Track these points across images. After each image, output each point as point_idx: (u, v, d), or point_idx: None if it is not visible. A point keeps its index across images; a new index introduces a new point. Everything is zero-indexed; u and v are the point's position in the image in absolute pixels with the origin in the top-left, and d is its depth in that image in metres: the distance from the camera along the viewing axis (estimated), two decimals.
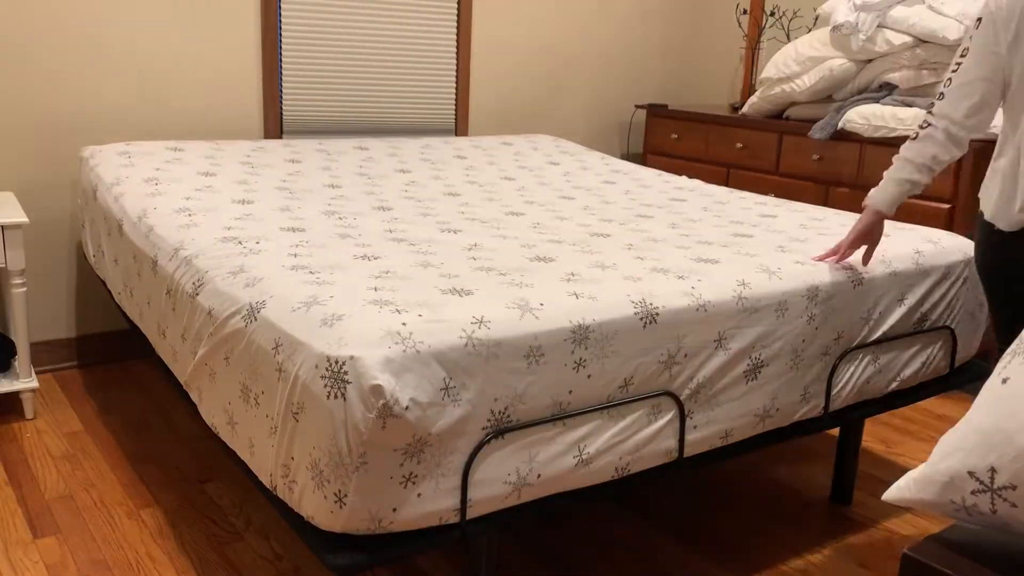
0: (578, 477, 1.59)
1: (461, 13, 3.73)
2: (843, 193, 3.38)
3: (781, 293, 1.82)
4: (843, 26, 3.33)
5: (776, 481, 2.52)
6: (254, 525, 2.18)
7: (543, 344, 1.49)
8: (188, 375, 1.84)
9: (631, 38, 4.31)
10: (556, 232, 2.16)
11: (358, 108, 3.55)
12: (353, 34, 3.48)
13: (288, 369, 1.43)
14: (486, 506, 1.50)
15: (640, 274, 1.77)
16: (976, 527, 1.08)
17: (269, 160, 2.84)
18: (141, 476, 2.40)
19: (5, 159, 2.92)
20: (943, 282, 2.15)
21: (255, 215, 2.16)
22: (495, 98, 3.95)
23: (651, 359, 1.64)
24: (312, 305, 1.49)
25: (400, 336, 1.38)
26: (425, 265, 1.77)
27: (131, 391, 2.98)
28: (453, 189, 2.72)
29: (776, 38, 4.16)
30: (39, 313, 3.07)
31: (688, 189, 2.90)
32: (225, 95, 3.25)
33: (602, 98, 4.28)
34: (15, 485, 2.33)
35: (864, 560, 2.13)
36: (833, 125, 3.35)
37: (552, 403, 1.53)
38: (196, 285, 1.79)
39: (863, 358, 2.02)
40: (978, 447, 1.00)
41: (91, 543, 2.07)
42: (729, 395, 1.78)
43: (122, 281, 2.33)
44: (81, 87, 2.99)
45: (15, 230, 2.58)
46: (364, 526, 1.39)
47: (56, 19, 2.91)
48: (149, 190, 2.36)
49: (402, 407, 1.34)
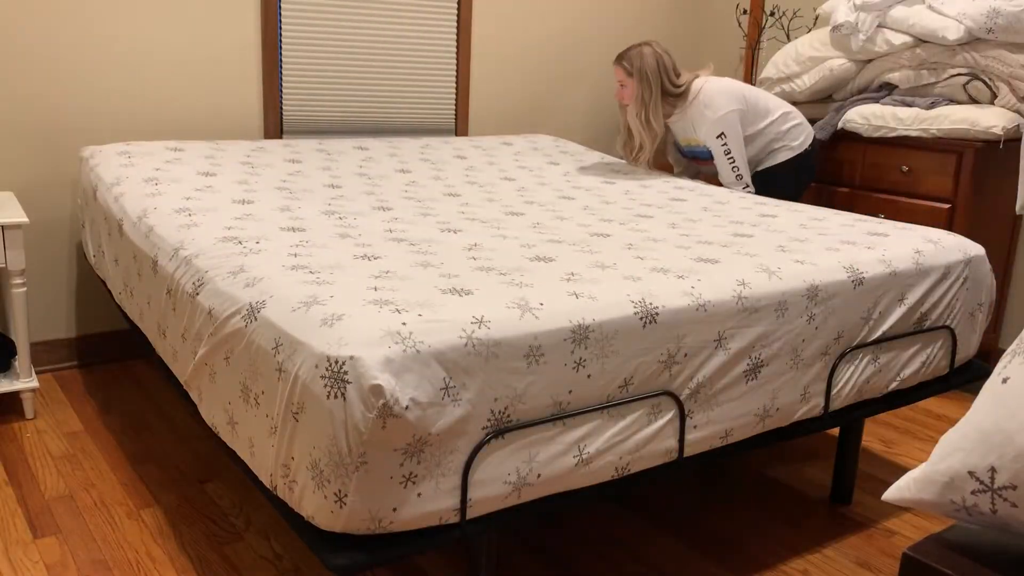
0: (578, 477, 1.59)
1: (461, 13, 3.73)
2: (843, 193, 3.38)
3: (781, 293, 1.83)
4: (843, 26, 3.33)
5: (776, 481, 2.52)
6: (254, 525, 2.18)
7: (543, 344, 1.49)
8: (188, 375, 1.84)
9: (631, 38, 4.31)
10: (556, 232, 2.16)
11: (358, 108, 3.55)
12: (353, 34, 3.48)
13: (288, 369, 1.43)
14: (486, 506, 1.50)
15: (640, 274, 1.77)
16: (976, 527, 1.08)
17: (269, 160, 2.84)
18: (141, 476, 2.40)
19: (5, 159, 2.92)
20: (943, 282, 2.15)
21: (255, 215, 2.16)
22: (495, 98, 3.95)
23: (651, 359, 1.64)
24: (312, 305, 1.49)
25: (400, 336, 1.38)
26: (425, 265, 1.77)
27: (131, 391, 2.98)
28: (453, 189, 2.72)
29: (776, 38, 4.16)
30: (39, 313, 3.07)
31: (688, 189, 2.90)
32: (225, 95, 3.25)
33: (602, 98, 4.28)
34: (15, 485, 2.33)
35: (864, 560, 2.13)
36: (833, 125, 3.36)
37: (552, 403, 1.53)
38: (196, 285, 1.79)
39: (863, 358, 2.02)
40: (978, 447, 1.00)
41: (91, 543, 2.07)
42: (729, 395, 1.78)
43: (122, 281, 2.33)
44: (81, 87, 2.99)
45: (15, 230, 2.58)
46: (364, 526, 1.39)
47: (56, 19, 2.91)
48: (149, 190, 2.36)
49: (402, 407, 1.34)
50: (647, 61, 3.05)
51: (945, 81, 3.20)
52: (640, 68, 3.05)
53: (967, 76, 3.14)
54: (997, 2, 3.02)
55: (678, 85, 3.09)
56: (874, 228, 2.33)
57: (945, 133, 3.05)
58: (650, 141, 3.14)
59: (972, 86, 3.13)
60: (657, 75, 3.06)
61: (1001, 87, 3.07)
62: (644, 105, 3.09)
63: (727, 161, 3.06)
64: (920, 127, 3.10)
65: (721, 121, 3.03)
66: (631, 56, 3.08)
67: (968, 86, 3.14)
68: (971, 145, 3.00)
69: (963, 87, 3.15)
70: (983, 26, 3.03)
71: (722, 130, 3.04)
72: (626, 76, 3.10)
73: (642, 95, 3.08)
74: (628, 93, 3.12)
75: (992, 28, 3.02)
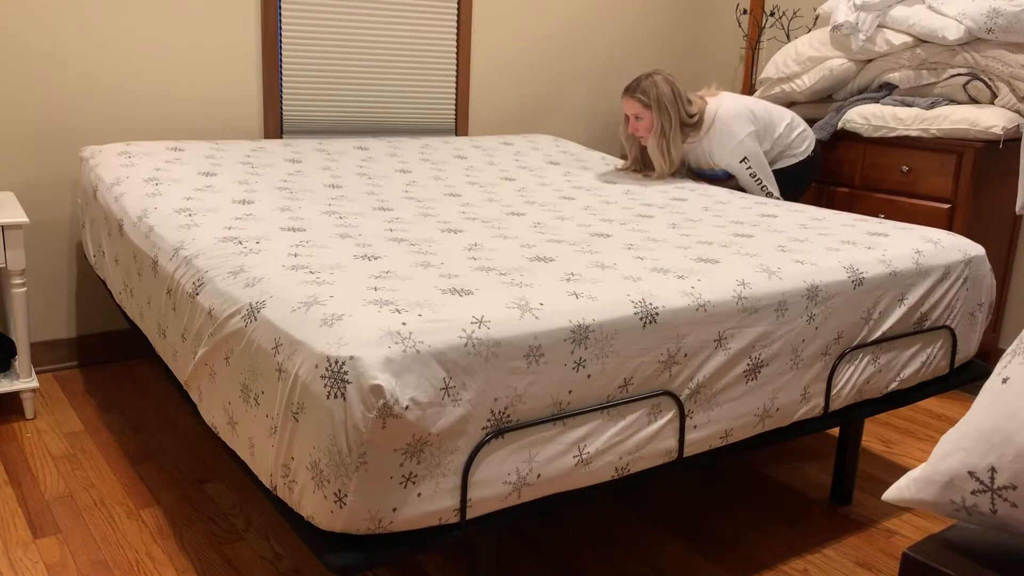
0: (578, 477, 1.59)
1: (461, 13, 3.73)
2: (843, 193, 3.38)
3: (781, 293, 1.83)
4: (843, 26, 3.33)
5: (776, 481, 2.52)
6: (254, 525, 2.18)
7: (543, 344, 1.49)
8: (188, 375, 1.84)
9: (631, 38, 4.31)
10: (556, 232, 2.16)
11: (358, 108, 3.56)
12: (353, 34, 3.48)
13: (288, 369, 1.43)
14: (486, 506, 1.50)
15: (640, 274, 1.77)
16: (976, 527, 1.08)
17: (269, 160, 2.84)
18: (141, 476, 2.40)
19: (5, 159, 2.92)
20: (943, 282, 2.15)
21: (255, 215, 2.16)
22: (495, 98, 3.95)
23: (651, 359, 1.64)
24: (312, 305, 1.49)
25: (400, 336, 1.38)
26: (425, 265, 1.77)
27: (131, 391, 2.98)
28: (453, 189, 2.72)
29: (776, 38, 4.16)
30: (39, 313, 3.07)
31: (689, 189, 2.90)
32: (225, 95, 3.25)
33: (603, 98, 4.28)
34: (15, 485, 2.33)
35: (864, 560, 2.13)
36: (833, 125, 3.36)
37: (552, 403, 1.53)
38: (196, 285, 1.79)
39: (863, 358, 2.02)
40: (978, 447, 1.00)
41: (91, 543, 2.07)
42: (729, 395, 1.78)
43: (122, 281, 2.33)
44: (81, 87, 2.99)
45: (15, 230, 2.58)
46: (364, 526, 1.39)
47: (56, 19, 2.91)
48: (149, 190, 2.36)
49: (402, 407, 1.34)
50: (663, 90, 2.96)
51: (945, 81, 3.20)
52: (657, 98, 2.96)
53: (967, 76, 3.14)
54: (997, 2, 3.02)
55: (692, 114, 3.03)
56: (874, 228, 2.33)
57: (945, 133, 3.05)
58: (669, 170, 3.06)
59: (972, 86, 3.13)
60: (675, 104, 2.97)
61: (1001, 87, 3.07)
62: (665, 137, 3.00)
63: (755, 183, 3.04)
64: (920, 127, 3.10)
65: (741, 147, 3.01)
66: (645, 87, 2.98)
67: (968, 86, 3.14)
68: (971, 145, 3.00)
69: (963, 87, 3.15)
70: (983, 26, 3.03)
71: (744, 155, 3.01)
72: (642, 108, 2.99)
73: (662, 127, 2.98)
74: (645, 126, 3.02)
75: (992, 28, 3.02)
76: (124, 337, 3.24)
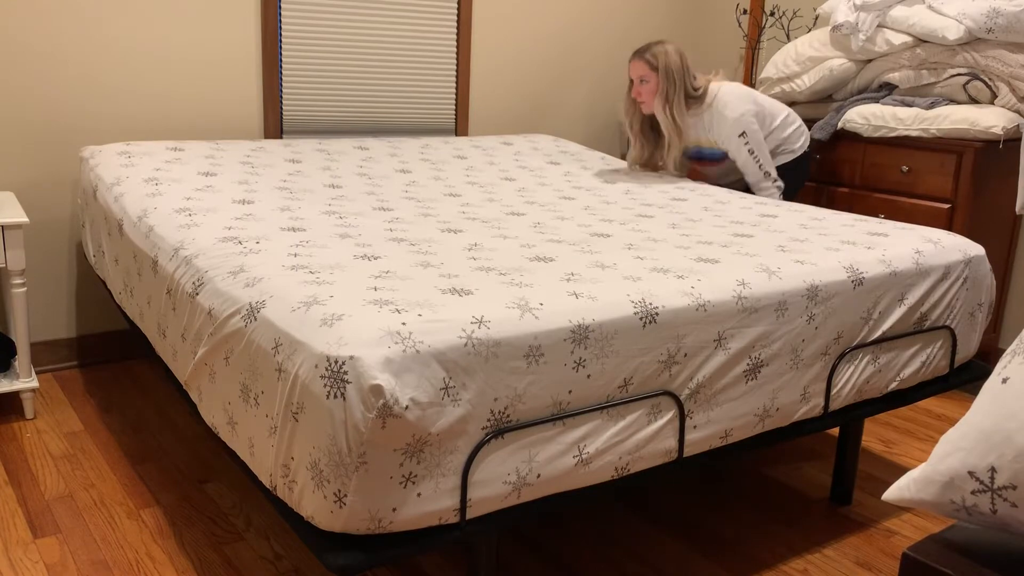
0: (578, 477, 1.59)
1: (461, 13, 3.73)
2: (843, 193, 3.38)
3: (781, 293, 1.83)
4: (843, 26, 3.33)
5: (776, 481, 2.52)
6: (254, 525, 2.18)
7: (543, 344, 1.49)
8: (188, 375, 1.84)
9: (631, 38, 4.31)
10: (556, 232, 2.16)
11: (358, 108, 3.56)
12: (353, 34, 3.48)
13: (288, 369, 1.43)
14: (486, 506, 1.50)
15: (640, 274, 1.77)
16: (976, 527, 1.08)
17: (269, 160, 2.84)
18: (141, 476, 2.40)
19: (5, 159, 2.92)
20: (943, 282, 2.15)
21: (255, 215, 2.16)
22: (495, 98, 3.95)
23: (651, 359, 1.64)
24: (312, 305, 1.49)
25: (400, 336, 1.38)
26: (425, 265, 1.77)
27: (131, 391, 2.98)
28: (453, 189, 2.72)
29: (776, 38, 4.16)
30: (39, 313, 3.07)
31: (689, 189, 2.90)
32: (225, 95, 3.25)
33: (603, 98, 4.29)
34: (15, 485, 2.33)
35: (864, 560, 2.13)
36: (833, 125, 3.36)
37: (552, 403, 1.53)
38: (196, 285, 1.79)
39: (863, 358, 2.02)
40: (978, 447, 1.00)
41: (91, 543, 2.07)
42: (729, 395, 1.78)
43: (122, 281, 2.33)
44: (81, 87, 2.99)
45: (15, 230, 2.58)
46: (364, 526, 1.39)
47: (57, 19, 2.91)
48: (149, 190, 2.36)
49: (402, 407, 1.34)
50: (671, 58, 2.99)
51: (945, 81, 3.20)
52: (666, 64, 2.98)
53: (967, 76, 3.14)
54: (997, 2, 3.02)
55: (696, 88, 3.05)
56: (874, 228, 2.33)
57: (945, 133, 3.05)
58: (678, 137, 3.06)
59: (972, 86, 3.13)
60: (681, 73, 3.00)
61: (1001, 87, 3.07)
62: (668, 102, 3.02)
63: (752, 160, 3.05)
64: (920, 127, 3.10)
65: (740, 120, 3.02)
66: (655, 51, 3.00)
67: (968, 86, 3.14)
68: (971, 145, 3.00)
69: (963, 87, 3.15)
70: (983, 26, 3.03)
71: (743, 129, 3.03)
72: (649, 70, 3.00)
73: (667, 91, 3.01)
74: (649, 89, 3.03)
75: (992, 28, 3.02)
76: (124, 337, 3.24)
